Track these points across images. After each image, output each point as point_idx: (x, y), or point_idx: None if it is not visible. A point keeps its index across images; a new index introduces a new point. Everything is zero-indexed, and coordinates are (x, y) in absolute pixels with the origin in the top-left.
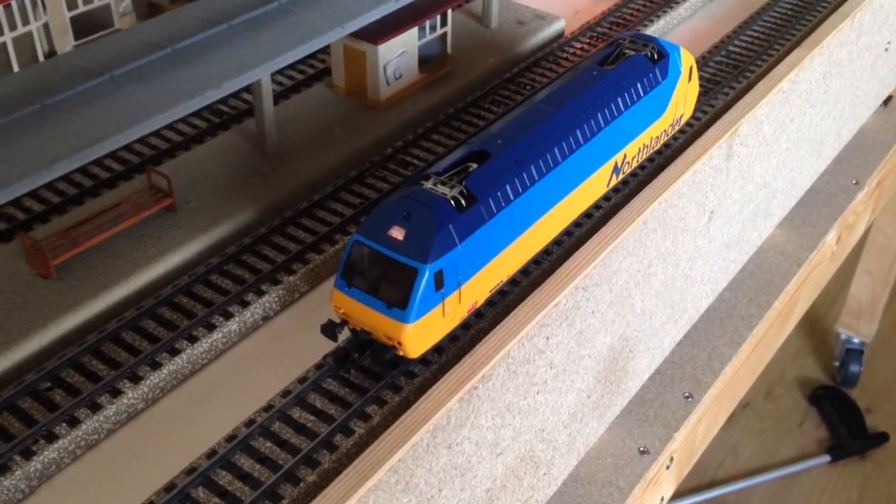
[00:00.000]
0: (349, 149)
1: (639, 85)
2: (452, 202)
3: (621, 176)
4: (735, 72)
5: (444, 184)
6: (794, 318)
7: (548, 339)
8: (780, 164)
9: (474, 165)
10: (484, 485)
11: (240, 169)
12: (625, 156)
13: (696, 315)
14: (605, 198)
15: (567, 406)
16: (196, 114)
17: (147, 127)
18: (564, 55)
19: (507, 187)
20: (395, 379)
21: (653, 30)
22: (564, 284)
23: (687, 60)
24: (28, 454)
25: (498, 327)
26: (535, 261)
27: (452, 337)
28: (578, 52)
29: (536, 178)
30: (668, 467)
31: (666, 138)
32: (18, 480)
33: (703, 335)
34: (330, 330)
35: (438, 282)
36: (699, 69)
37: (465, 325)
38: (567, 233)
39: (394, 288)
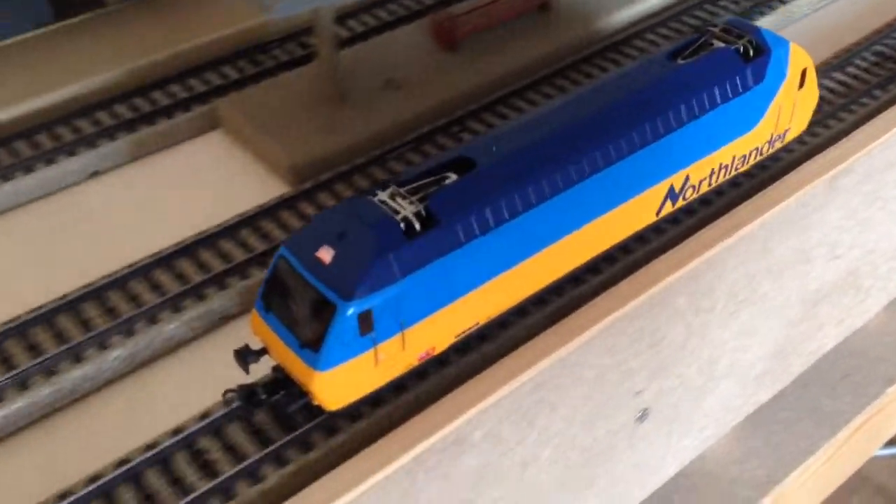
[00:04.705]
0: None
1: (717, 88)
2: (402, 224)
3: (681, 203)
4: None
5: (403, 197)
6: None
7: None
8: None
9: (452, 177)
10: (815, 283)
11: None
12: (687, 178)
13: None
14: (657, 229)
15: (893, 238)
16: None
17: None
18: None
19: (487, 210)
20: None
21: None
22: None
23: (799, 61)
24: None
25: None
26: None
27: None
28: None
29: (534, 199)
30: None
31: (760, 158)
32: None
33: None
34: (242, 357)
35: (364, 324)
36: (882, 43)
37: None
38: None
39: (309, 323)
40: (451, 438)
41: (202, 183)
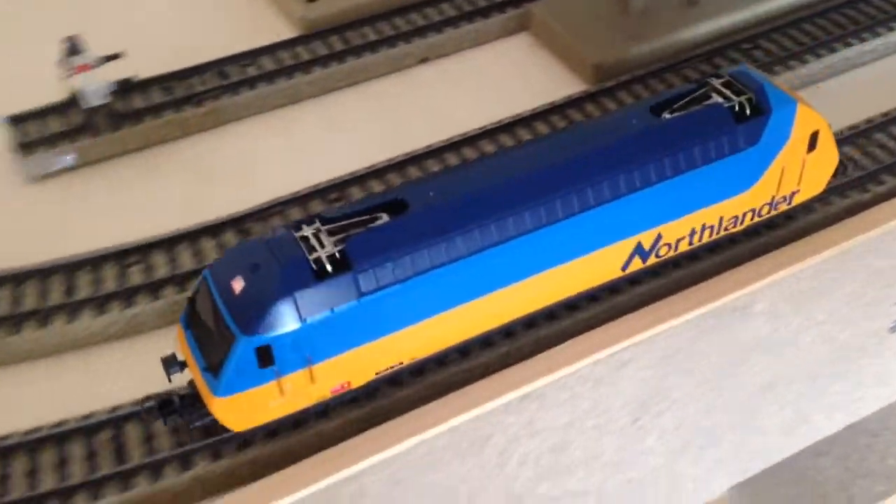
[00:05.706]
0: None
1: (697, 148)
2: (313, 265)
3: (653, 260)
4: None
5: (326, 235)
6: None
7: None
8: None
9: (384, 218)
10: None
11: None
12: (658, 236)
13: None
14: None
15: None
16: None
17: None
18: None
19: (408, 258)
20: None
21: None
22: None
23: (807, 123)
24: None
25: None
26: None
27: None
28: None
29: (462, 250)
30: None
31: (758, 219)
32: None
33: None
34: (167, 365)
35: (264, 358)
36: None
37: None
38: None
39: (213, 349)
40: (738, 304)
41: (513, 76)
